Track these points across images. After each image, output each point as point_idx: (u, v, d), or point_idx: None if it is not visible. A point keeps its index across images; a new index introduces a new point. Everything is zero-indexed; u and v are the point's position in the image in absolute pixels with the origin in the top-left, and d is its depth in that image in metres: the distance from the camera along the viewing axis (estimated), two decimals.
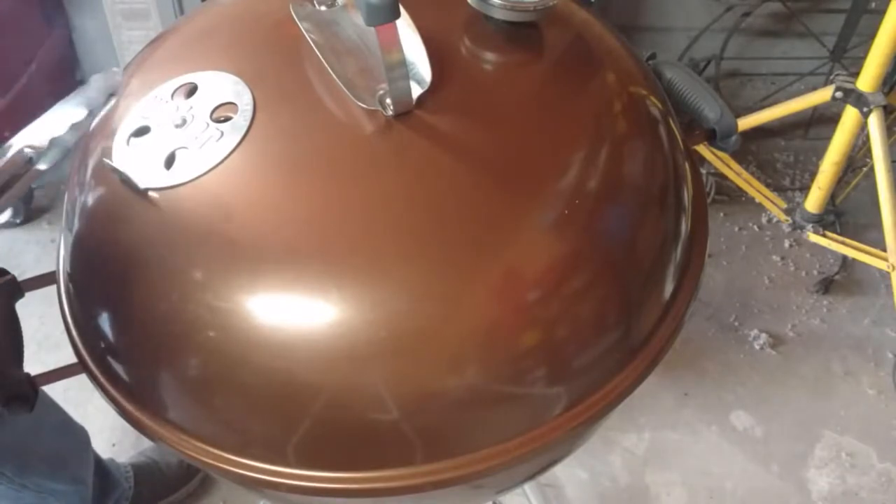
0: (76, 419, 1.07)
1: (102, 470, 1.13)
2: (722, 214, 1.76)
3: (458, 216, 0.49)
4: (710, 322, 1.56)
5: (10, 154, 0.45)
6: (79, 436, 1.08)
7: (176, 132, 0.52)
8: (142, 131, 0.54)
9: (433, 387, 0.48)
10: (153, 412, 0.53)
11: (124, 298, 0.52)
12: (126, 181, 0.51)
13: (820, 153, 1.57)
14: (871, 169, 1.40)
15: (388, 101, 0.51)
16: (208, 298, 0.48)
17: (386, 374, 0.47)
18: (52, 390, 0.99)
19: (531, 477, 0.72)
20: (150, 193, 0.50)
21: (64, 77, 1.74)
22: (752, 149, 1.91)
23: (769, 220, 1.75)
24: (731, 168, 1.60)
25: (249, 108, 0.52)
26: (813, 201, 1.56)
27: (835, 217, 1.69)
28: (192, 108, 0.53)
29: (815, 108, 1.74)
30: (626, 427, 1.38)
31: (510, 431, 0.51)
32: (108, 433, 1.31)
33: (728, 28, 1.83)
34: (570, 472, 1.32)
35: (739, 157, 1.79)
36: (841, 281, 1.64)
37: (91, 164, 0.56)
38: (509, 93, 0.54)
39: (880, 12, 1.33)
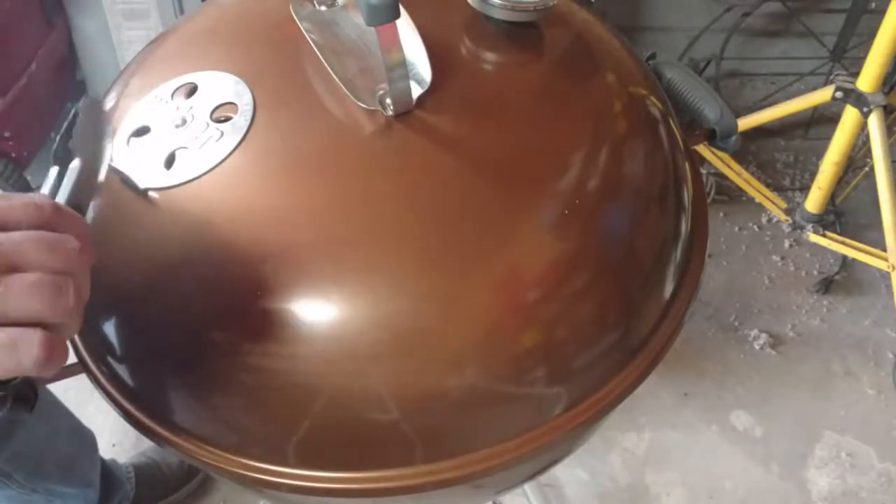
0: None
1: (106, 471, 1.13)
2: (722, 214, 1.76)
3: (458, 216, 0.49)
4: (710, 322, 1.56)
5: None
6: (88, 439, 1.08)
7: (176, 132, 0.52)
8: (142, 131, 0.54)
9: (433, 387, 0.48)
10: (153, 412, 0.53)
11: (124, 298, 0.52)
12: (126, 181, 0.51)
13: (820, 153, 1.57)
14: (871, 169, 1.40)
15: (388, 101, 0.51)
16: (208, 298, 0.48)
17: (386, 374, 0.47)
18: (52, 391, 0.99)
19: (531, 477, 0.72)
20: (150, 193, 0.50)
21: (64, 77, 1.74)
22: (752, 149, 1.91)
23: (769, 220, 1.75)
24: (731, 168, 1.60)
25: (249, 108, 0.52)
26: (813, 201, 1.56)
27: (835, 217, 1.69)
28: (192, 108, 0.53)
29: (815, 108, 1.74)
30: (626, 427, 1.38)
31: (510, 431, 0.51)
32: (109, 434, 1.31)
33: (728, 28, 1.83)
34: (570, 472, 1.32)
35: (739, 157, 1.79)
36: (841, 281, 1.64)
37: None
38: (509, 93, 0.54)
39: (880, 12, 1.33)
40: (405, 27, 0.53)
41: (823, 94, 1.46)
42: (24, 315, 0.36)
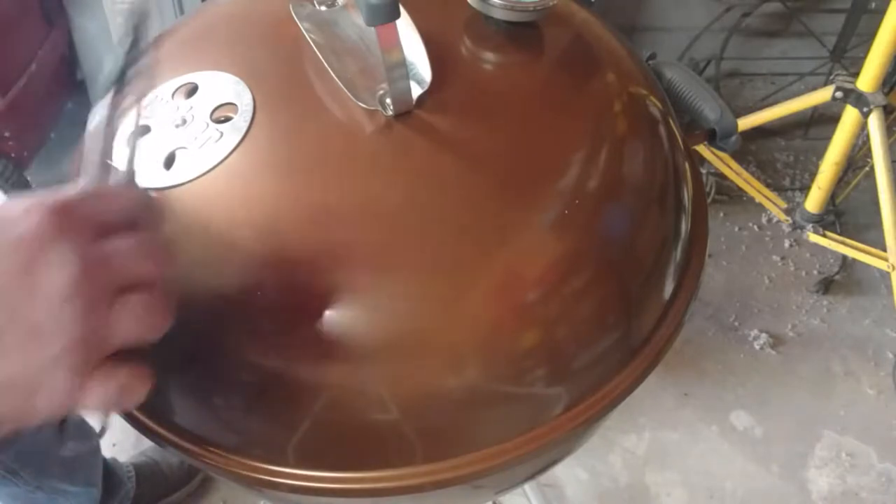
0: None
1: (107, 470, 1.13)
2: (722, 214, 1.77)
3: (458, 216, 0.49)
4: (710, 322, 1.56)
5: None
6: (92, 439, 1.08)
7: (176, 132, 0.52)
8: (142, 131, 0.54)
9: (434, 387, 0.48)
10: (153, 412, 0.53)
11: None
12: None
13: (820, 153, 1.57)
14: (871, 169, 1.41)
15: (388, 101, 0.51)
16: (207, 298, 0.48)
17: (386, 374, 0.47)
18: None
19: (531, 477, 0.72)
20: (150, 193, 0.50)
21: (64, 77, 1.74)
22: (752, 149, 1.91)
23: (769, 220, 1.75)
24: (731, 168, 1.60)
25: (249, 108, 0.52)
26: (813, 201, 1.56)
27: (835, 217, 1.69)
28: (192, 108, 0.53)
29: (815, 108, 1.74)
30: (626, 427, 1.39)
31: (510, 431, 0.51)
32: (109, 433, 1.31)
33: (728, 28, 1.83)
34: (570, 472, 1.32)
35: (739, 157, 1.80)
36: (841, 281, 1.64)
37: None
38: (509, 93, 0.54)
39: (880, 12, 1.33)
40: (405, 27, 0.53)
41: (823, 94, 1.46)
42: (128, 342, 0.36)
